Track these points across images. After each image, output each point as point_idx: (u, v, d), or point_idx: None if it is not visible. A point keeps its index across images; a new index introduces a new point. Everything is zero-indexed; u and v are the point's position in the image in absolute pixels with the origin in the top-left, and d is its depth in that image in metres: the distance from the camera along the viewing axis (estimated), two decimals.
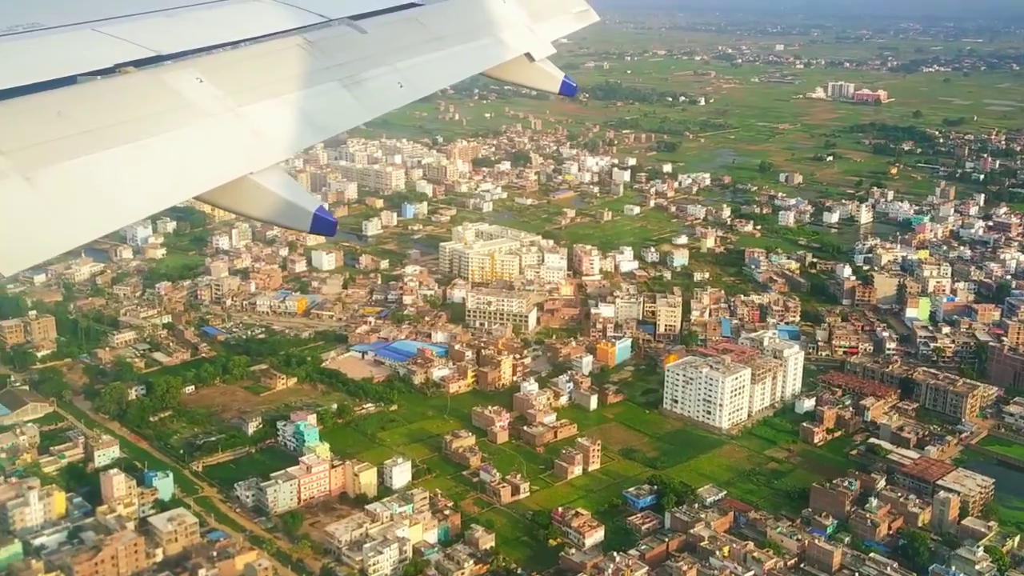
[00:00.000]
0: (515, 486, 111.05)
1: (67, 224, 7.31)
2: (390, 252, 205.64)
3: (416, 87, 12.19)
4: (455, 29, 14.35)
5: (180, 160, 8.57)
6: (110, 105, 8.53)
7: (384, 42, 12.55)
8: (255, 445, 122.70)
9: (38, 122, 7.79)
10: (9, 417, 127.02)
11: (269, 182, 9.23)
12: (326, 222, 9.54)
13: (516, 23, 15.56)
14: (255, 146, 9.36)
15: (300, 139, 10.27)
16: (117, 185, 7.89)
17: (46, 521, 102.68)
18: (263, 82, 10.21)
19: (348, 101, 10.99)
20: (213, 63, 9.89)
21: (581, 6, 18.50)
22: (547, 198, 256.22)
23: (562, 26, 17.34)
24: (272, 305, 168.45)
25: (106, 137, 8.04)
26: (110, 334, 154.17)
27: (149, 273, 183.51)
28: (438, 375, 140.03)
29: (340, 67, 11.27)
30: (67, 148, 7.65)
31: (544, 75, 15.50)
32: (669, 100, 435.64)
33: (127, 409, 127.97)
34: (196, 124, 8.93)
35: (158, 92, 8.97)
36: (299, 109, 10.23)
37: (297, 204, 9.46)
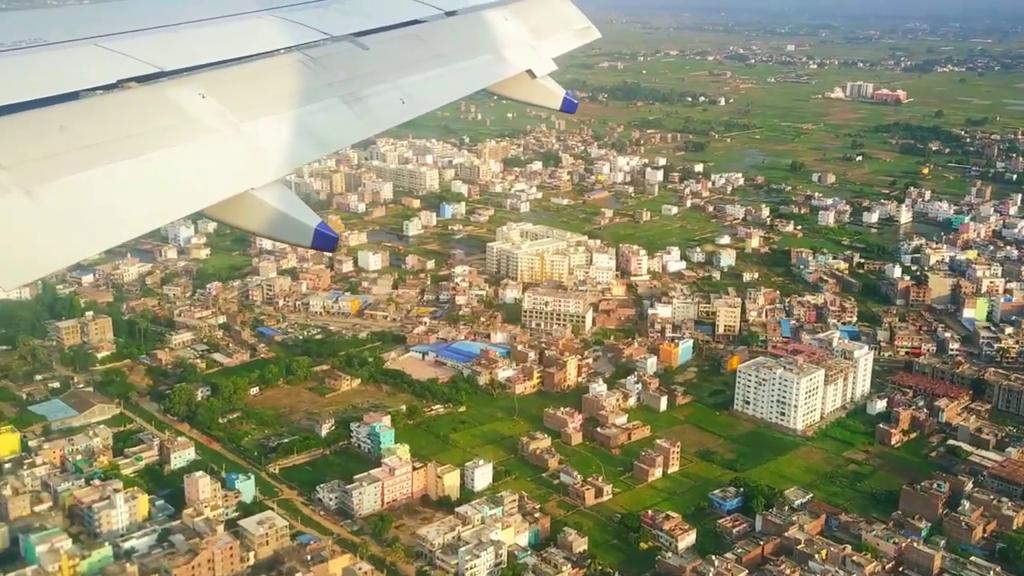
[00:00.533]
0: (598, 488, 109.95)
1: (69, 238, 7.29)
2: (433, 252, 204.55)
3: (418, 103, 12.23)
4: (457, 46, 14.35)
5: (182, 175, 8.58)
6: (112, 120, 8.54)
7: (386, 59, 12.54)
8: (329, 447, 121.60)
9: (41, 137, 7.77)
10: (77, 419, 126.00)
11: (270, 197, 9.19)
12: (327, 237, 9.49)
13: (518, 40, 15.55)
14: (257, 161, 9.36)
15: (301, 155, 10.25)
16: (119, 200, 7.87)
17: (131, 523, 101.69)
18: (265, 98, 10.25)
19: (349, 117, 11.01)
20: (215, 79, 9.88)
21: (583, 23, 18.43)
22: (582, 198, 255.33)
23: (563, 43, 17.31)
24: (325, 305, 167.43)
25: (108, 152, 8.05)
26: (167, 335, 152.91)
27: (197, 273, 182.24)
28: (503, 376, 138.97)
29: (342, 83, 11.31)
30: (69, 163, 7.65)
31: (545, 92, 15.53)
32: (689, 100, 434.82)
33: (196, 411, 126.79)
34: (198, 139, 8.96)
35: (160, 107, 8.99)
36: (301, 125, 10.25)
37: (298, 219, 9.40)
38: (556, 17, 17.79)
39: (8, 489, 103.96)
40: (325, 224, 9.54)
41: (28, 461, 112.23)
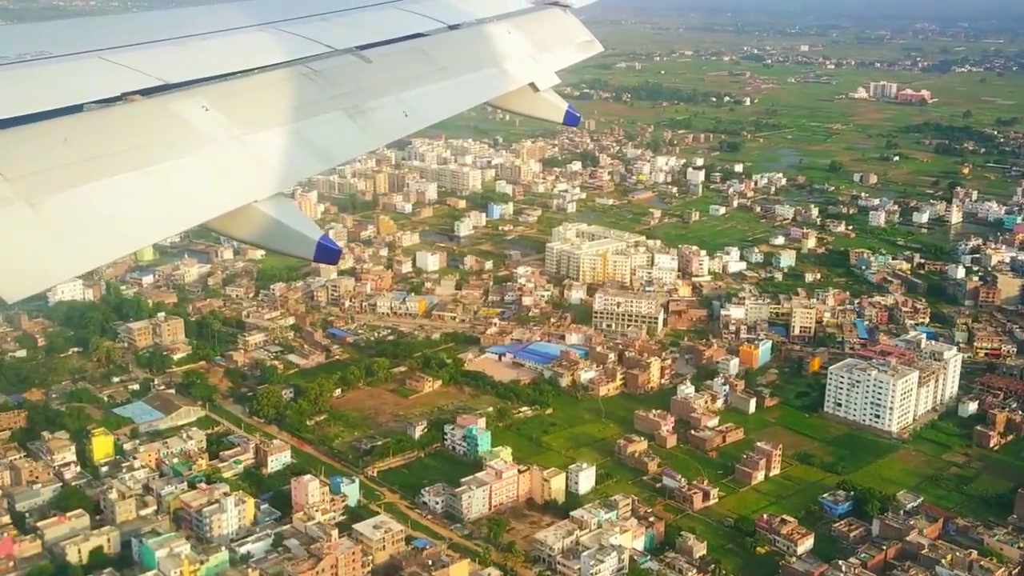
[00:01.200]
0: (704, 492, 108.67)
1: (72, 251, 7.27)
2: (487, 253, 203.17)
3: (421, 116, 12.26)
4: (460, 59, 14.37)
5: (185, 187, 8.58)
6: (116, 133, 8.56)
7: (389, 72, 12.55)
8: (423, 449, 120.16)
9: (44, 149, 7.78)
10: (164, 421, 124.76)
11: (274, 210, 9.16)
12: (330, 250, 9.40)
13: (520, 54, 15.54)
14: (260, 174, 9.34)
15: (305, 167, 10.26)
16: (122, 212, 7.86)
17: (240, 527, 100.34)
18: (269, 111, 10.27)
19: (353, 130, 11.02)
20: (219, 92, 9.85)
21: (585, 36, 18.34)
22: (627, 198, 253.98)
23: (566, 56, 17.29)
24: (392, 306, 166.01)
25: (112, 164, 8.05)
26: (238, 336, 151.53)
27: (258, 274, 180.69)
28: (585, 378, 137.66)
29: (345, 96, 11.31)
30: (73, 175, 7.64)
31: (548, 105, 15.52)
32: (713, 100, 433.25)
33: (285, 413, 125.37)
34: (202, 152, 8.96)
35: (164, 120, 9.00)
36: (304, 137, 10.25)
37: (301, 232, 9.33)
38: (559, 31, 17.67)
39: (114, 493, 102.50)
40: (327, 237, 9.39)
41: (126, 464, 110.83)
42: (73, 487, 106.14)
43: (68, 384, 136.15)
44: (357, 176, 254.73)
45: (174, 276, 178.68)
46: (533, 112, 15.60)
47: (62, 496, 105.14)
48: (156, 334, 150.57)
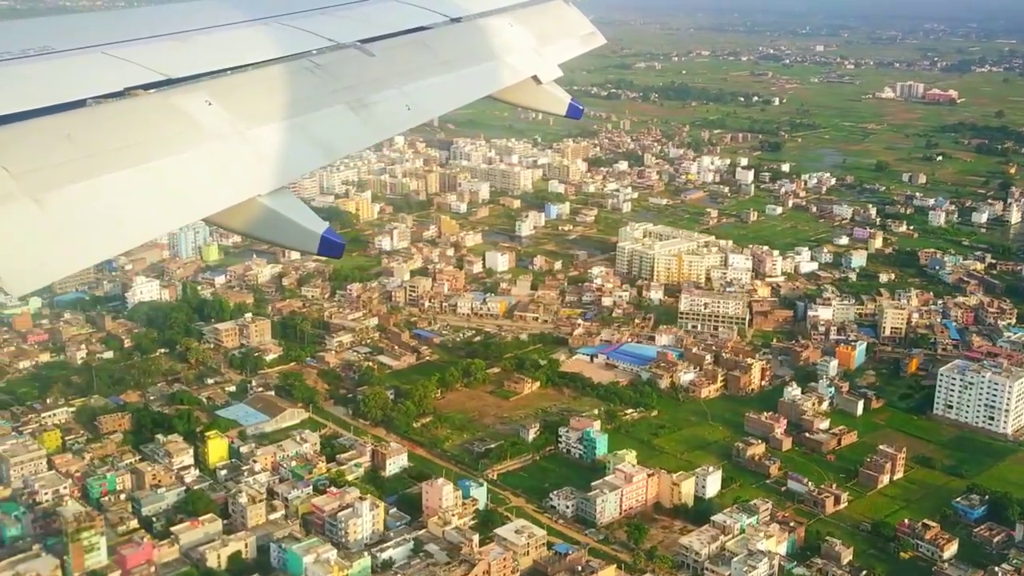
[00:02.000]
0: (835, 496, 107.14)
1: (76, 245, 7.28)
2: (552, 252, 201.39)
3: (424, 110, 12.30)
4: (463, 52, 14.34)
5: (189, 182, 8.56)
6: (120, 128, 8.53)
7: (392, 65, 12.51)
8: (537, 452, 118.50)
9: (48, 144, 7.77)
10: (269, 424, 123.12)
11: (277, 204, 9.15)
12: (334, 244, 9.41)
13: (523, 46, 15.50)
14: (263, 168, 9.32)
15: (308, 161, 10.31)
16: (126, 207, 7.85)
17: (374, 532, 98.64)
18: (272, 105, 10.24)
19: (355, 123, 11.01)
20: (222, 86, 9.83)
21: (588, 29, 18.24)
22: (679, 198, 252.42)
23: (569, 49, 17.17)
24: (473, 307, 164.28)
25: (115, 159, 8.04)
26: (325, 337, 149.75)
27: (331, 274, 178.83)
28: (685, 379, 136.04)
29: (348, 90, 11.28)
30: (76, 170, 7.64)
31: (551, 98, 15.46)
32: (741, 100, 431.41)
33: (392, 415, 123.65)
34: (205, 146, 8.94)
35: (167, 115, 8.99)
36: (307, 131, 10.24)
37: (305, 226, 9.32)
38: (561, 23, 17.59)
39: (244, 497, 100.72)
40: (332, 230, 9.43)
41: (246, 468, 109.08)
42: (198, 491, 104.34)
43: (163, 386, 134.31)
44: (408, 176, 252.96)
45: (247, 277, 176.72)
46: (536, 105, 15.44)
47: (187, 500, 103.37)
48: (243, 335, 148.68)
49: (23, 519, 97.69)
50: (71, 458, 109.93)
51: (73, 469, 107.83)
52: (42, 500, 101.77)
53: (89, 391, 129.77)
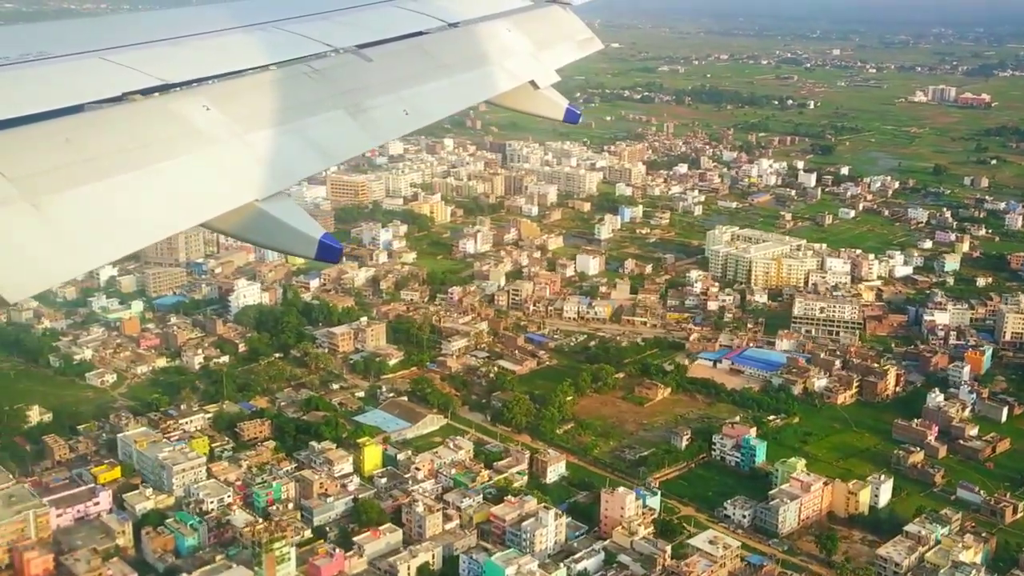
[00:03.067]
0: (1013, 505, 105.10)
1: (74, 251, 7.27)
2: (636, 256, 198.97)
3: (421, 114, 12.21)
4: (460, 57, 14.32)
5: (186, 187, 8.54)
6: (117, 132, 8.51)
7: (390, 70, 12.47)
8: (691, 459, 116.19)
9: (46, 149, 7.76)
10: (411, 430, 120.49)
11: (275, 209, 9.04)
12: (331, 249, 9.29)
13: (521, 51, 15.44)
14: (261, 173, 9.29)
15: (306, 166, 10.24)
16: (124, 211, 7.84)
17: (555, 543, 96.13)
18: (269, 110, 10.21)
19: (353, 128, 10.96)
20: (220, 91, 9.82)
21: (585, 34, 18.16)
22: (746, 201, 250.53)
23: (566, 54, 17.10)
24: (579, 310, 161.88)
25: (113, 164, 8.04)
26: (440, 341, 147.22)
27: (427, 278, 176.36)
28: (818, 385, 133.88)
29: (346, 95, 11.25)
30: (74, 175, 7.64)
31: (548, 103, 15.40)
32: (775, 103, 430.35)
33: (539, 422, 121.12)
34: (202, 151, 8.93)
35: (165, 120, 8.98)
36: (305, 136, 10.19)
37: (302, 231, 9.21)
38: (559, 28, 17.57)
39: (420, 506, 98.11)
40: (329, 235, 9.30)
41: (408, 476, 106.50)
42: (367, 500, 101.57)
43: (290, 392, 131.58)
44: (474, 179, 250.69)
45: (342, 280, 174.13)
46: (533, 110, 15.34)
47: (356, 509, 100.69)
48: (358, 339, 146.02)
49: (199, 529, 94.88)
50: (227, 466, 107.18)
51: (231, 477, 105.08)
52: (209, 509, 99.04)
53: (218, 397, 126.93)
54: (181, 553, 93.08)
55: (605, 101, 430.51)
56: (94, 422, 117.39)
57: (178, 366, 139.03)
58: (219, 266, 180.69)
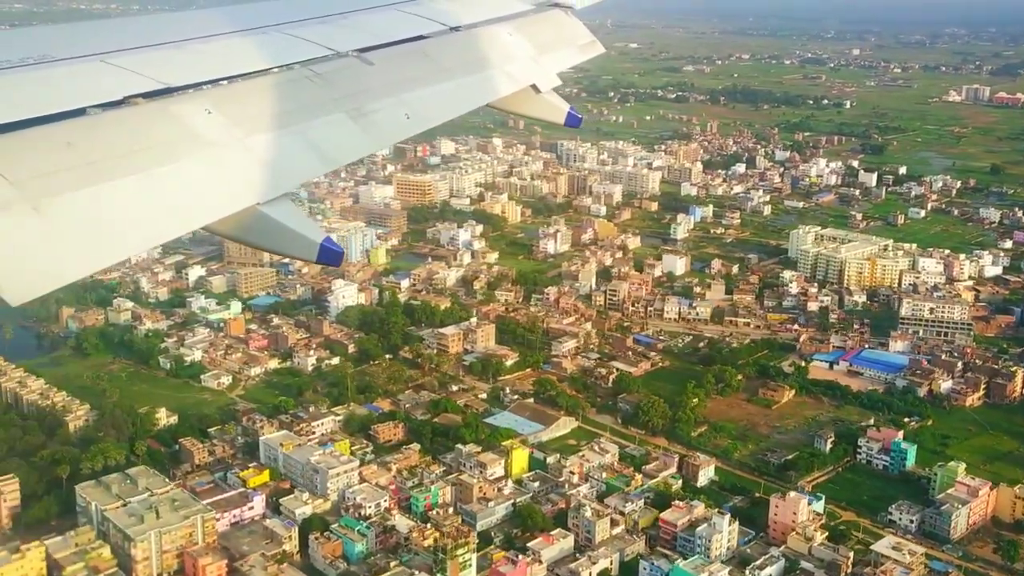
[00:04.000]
0: None
1: (75, 254, 7.30)
2: (716, 256, 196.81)
3: (423, 118, 12.11)
4: (461, 61, 14.28)
5: (188, 190, 8.55)
6: (119, 136, 8.52)
7: (391, 74, 12.41)
8: (837, 463, 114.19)
9: (47, 153, 7.79)
10: (545, 432, 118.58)
11: (276, 212, 8.99)
12: (333, 252, 9.17)
13: (522, 55, 15.35)
14: (262, 176, 9.27)
15: (307, 169, 10.26)
16: (125, 215, 7.86)
17: (728, 547, 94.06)
18: (271, 113, 10.18)
19: (355, 132, 10.89)
20: (221, 95, 9.82)
21: (587, 38, 18.00)
22: (811, 200, 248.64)
23: (568, 58, 17.04)
24: (680, 311, 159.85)
25: (114, 167, 8.04)
26: (552, 342, 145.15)
27: (517, 278, 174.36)
28: (944, 387, 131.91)
29: (347, 98, 11.18)
30: (76, 178, 7.66)
31: (549, 106, 15.25)
32: (811, 103, 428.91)
33: (675, 424, 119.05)
34: (204, 155, 8.94)
35: (166, 123, 8.98)
36: (306, 140, 10.18)
37: (304, 234, 9.14)
38: (560, 32, 17.47)
39: (588, 511, 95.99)
40: (331, 239, 9.20)
41: (563, 480, 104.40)
42: (529, 504, 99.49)
43: (411, 393, 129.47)
44: (538, 178, 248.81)
45: (433, 280, 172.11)
46: (535, 113, 15.19)
47: (520, 513, 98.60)
48: (467, 340, 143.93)
49: (367, 534, 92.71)
50: (376, 469, 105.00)
51: (382, 481, 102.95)
52: (368, 514, 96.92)
53: (339, 399, 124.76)
54: (350, 559, 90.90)
55: (639, 101, 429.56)
56: (230, 424, 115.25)
57: (290, 367, 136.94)
58: (305, 266, 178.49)
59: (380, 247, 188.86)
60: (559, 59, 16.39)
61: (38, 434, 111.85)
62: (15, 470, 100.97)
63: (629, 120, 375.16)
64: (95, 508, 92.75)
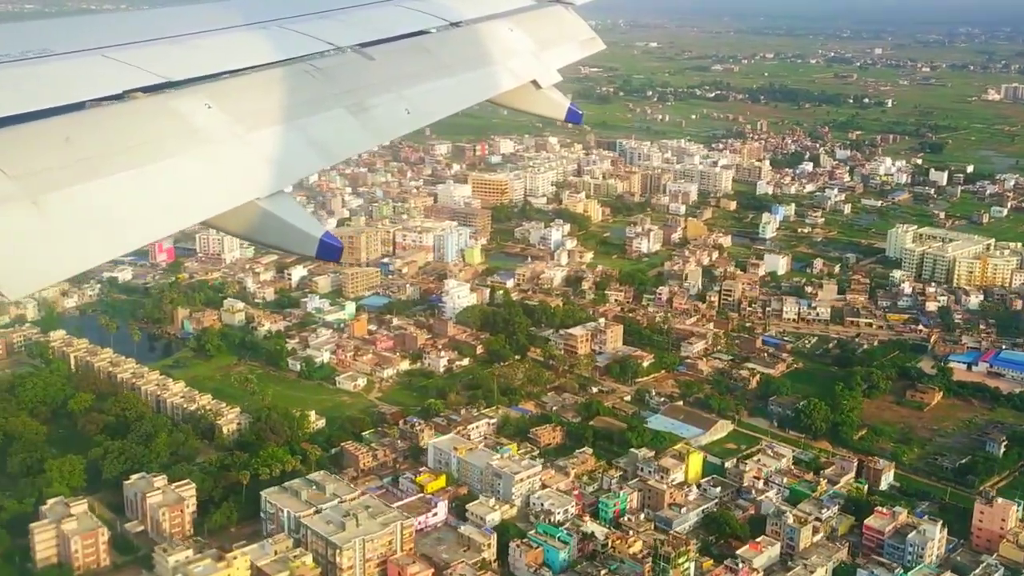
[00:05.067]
0: None
1: (74, 248, 7.29)
2: (809, 255, 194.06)
3: (423, 113, 12.07)
4: (462, 57, 14.15)
5: (187, 185, 8.52)
6: (118, 130, 8.48)
7: (391, 69, 12.30)
8: (1014, 467, 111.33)
9: (46, 147, 7.72)
10: (705, 436, 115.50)
11: (275, 207, 8.99)
12: (331, 247, 9.22)
13: (523, 51, 15.23)
14: (262, 171, 9.22)
15: (307, 164, 10.24)
16: (124, 209, 7.83)
17: (938, 557, 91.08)
18: (271, 108, 10.15)
19: (355, 127, 10.87)
20: (221, 89, 9.71)
21: (588, 34, 17.91)
22: (887, 199, 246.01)
23: (568, 54, 16.90)
24: (799, 311, 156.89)
25: (114, 162, 8.01)
26: (681, 343, 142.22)
27: (620, 277, 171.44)
28: None
29: (347, 93, 11.15)
30: (75, 173, 7.64)
31: (550, 102, 15.16)
32: (851, 101, 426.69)
33: (839, 428, 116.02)
34: (203, 149, 8.92)
35: (166, 118, 8.94)
36: (306, 135, 10.13)
37: (303, 229, 9.11)
38: (561, 28, 17.39)
39: (790, 518, 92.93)
40: (330, 234, 9.16)
41: (746, 486, 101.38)
42: (723, 510, 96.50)
43: (553, 395, 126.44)
44: (612, 177, 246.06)
45: (539, 281, 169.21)
46: (535, 109, 15.17)
47: (712, 520, 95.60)
48: (595, 340, 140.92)
49: (569, 542, 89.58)
50: (553, 474, 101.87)
51: (561, 486, 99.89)
52: (558, 520, 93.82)
53: (485, 400, 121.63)
54: (553, 568, 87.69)
55: (679, 100, 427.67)
56: (392, 427, 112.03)
57: (421, 369, 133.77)
58: (404, 266, 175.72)
59: (475, 247, 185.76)
60: (560, 55, 16.29)
61: (193, 438, 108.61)
62: (188, 475, 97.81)
63: (675, 119, 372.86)
64: (287, 514, 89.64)
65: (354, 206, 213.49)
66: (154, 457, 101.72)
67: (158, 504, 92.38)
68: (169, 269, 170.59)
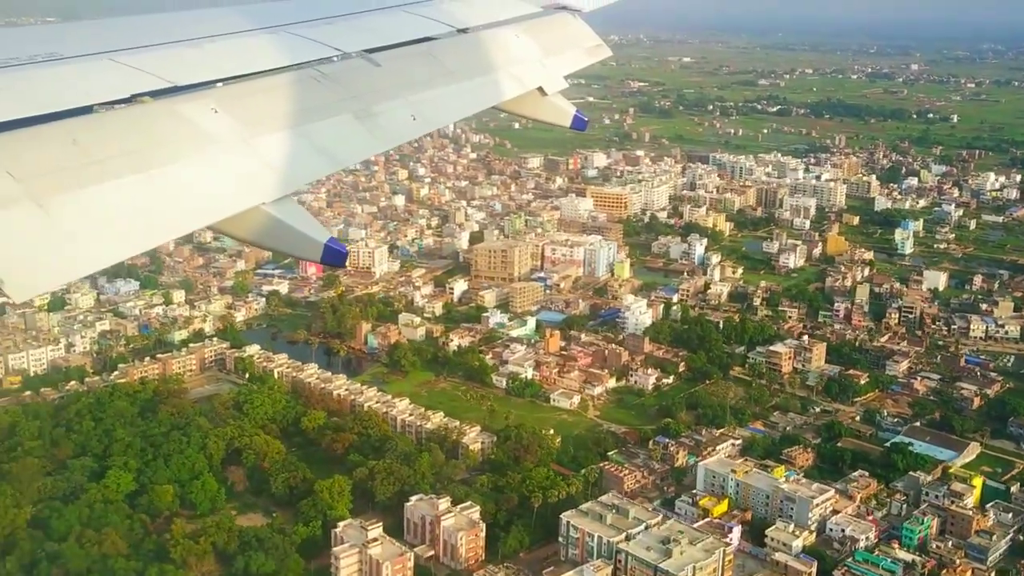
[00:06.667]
0: None
1: (81, 251, 7.19)
2: (955, 271, 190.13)
3: (429, 120, 12.03)
4: (468, 63, 14.07)
5: (193, 189, 8.38)
6: (125, 134, 8.41)
7: (398, 75, 12.23)
8: None
9: (54, 150, 7.64)
10: (960, 459, 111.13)
11: (281, 212, 8.87)
12: (337, 253, 9.09)
13: (529, 58, 15.13)
14: (268, 176, 9.07)
15: (313, 170, 10.11)
16: (131, 213, 7.72)
17: None
18: (277, 113, 10.06)
19: (361, 133, 10.76)
20: (228, 94, 9.65)
21: (594, 41, 17.60)
22: (1006, 215, 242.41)
23: (575, 61, 16.63)
24: (987, 330, 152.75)
25: (120, 166, 7.93)
26: (885, 361, 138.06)
27: (787, 293, 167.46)
28: None
29: (354, 99, 11.05)
30: (82, 176, 7.55)
31: (556, 109, 14.98)
32: (914, 116, 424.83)
33: None
34: (210, 154, 8.82)
35: (173, 122, 8.85)
36: (312, 140, 10.04)
37: (308, 235, 8.98)
38: (567, 35, 17.20)
39: None
40: (335, 239, 9.04)
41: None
42: None
43: (779, 415, 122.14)
44: (725, 192, 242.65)
45: (707, 295, 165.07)
46: (541, 116, 14.87)
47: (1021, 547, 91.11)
48: (798, 358, 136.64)
49: (896, 570, 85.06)
50: (839, 499, 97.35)
51: (848, 510, 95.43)
52: (862, 547, 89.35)
53: (717, 420, 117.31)
54: None
55: (741, 115, 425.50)
56: (655, 447, 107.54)
57: (630, 386, 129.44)
58: (560, 280, 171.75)
59: (625, 262, 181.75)
60: (566, 62, 16.18)
61: (441, 457, 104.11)
62: (467, 497, 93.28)
63: (747, 133, 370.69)
64: (597, 539, 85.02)
65: (476, 220, 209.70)
66: (420, 478, 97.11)
67: (453, 527, 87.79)
68: (325, 282, 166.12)
